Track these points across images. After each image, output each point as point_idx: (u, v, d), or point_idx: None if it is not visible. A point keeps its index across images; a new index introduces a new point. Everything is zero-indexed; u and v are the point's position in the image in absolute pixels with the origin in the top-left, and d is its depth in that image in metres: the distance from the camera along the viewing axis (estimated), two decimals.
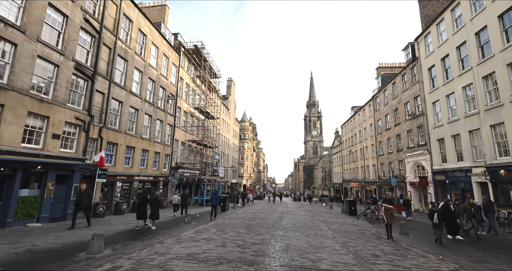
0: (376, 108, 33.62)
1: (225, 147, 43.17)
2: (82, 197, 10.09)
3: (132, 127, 17.70)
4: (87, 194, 10.26)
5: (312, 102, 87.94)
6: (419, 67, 23.27)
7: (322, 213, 20.62)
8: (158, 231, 9.89)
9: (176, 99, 24.03)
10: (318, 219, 15.67)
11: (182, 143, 25.56)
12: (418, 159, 23.16)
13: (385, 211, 10.53)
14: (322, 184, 70.48)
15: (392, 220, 10.36)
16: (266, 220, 13.99)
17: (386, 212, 10.45)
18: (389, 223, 10.18)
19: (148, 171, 19.20)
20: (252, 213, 18.64)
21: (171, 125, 23.24)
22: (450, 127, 18.85)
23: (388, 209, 10.55)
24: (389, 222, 10.17)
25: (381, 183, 31.75)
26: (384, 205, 11.05)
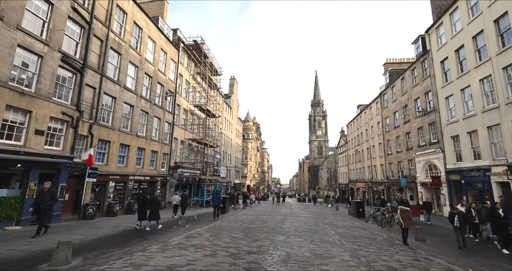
0: (384, 106, 32.27)
1: (228, 147, 42.26)
2: (44, 197, 8.43)
3: (127, 124, 16.87)
4: (50, 194, 8.66)
5: (316, 101, 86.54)
6: (430, 60, 21.95)
7: (328, 215, 19.47)
8: (146, 235, 8.95)
9: (175, 97, 23.18)
10: (324, 222, 14.56)
11: (182, 141, 24.70)
12: (430, 158, 21.82)
13: (402, 213, 9.44)
14: (328, 185, 69.01)
15: (409, 224, 9.37)
16: (267, 223, 12.95)
17: (403, 215, 9.37)
18: (407, 227, 9.19)
19: (144, 170, 18.36)
20: (253, 215, 17.61)
21: (169, 123, 22.39)
22: (466, 124, 17.52)
23: (404, 212, 9.49)
24: (406, 226, 9.18)
25: (389, 183, 30.38)
26: (400, 207, 9.94)
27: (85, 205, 12.70)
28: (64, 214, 12.11)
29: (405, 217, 9.35)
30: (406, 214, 9.50)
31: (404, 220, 9.23)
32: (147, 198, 10.79)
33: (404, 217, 9.33)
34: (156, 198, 10.89)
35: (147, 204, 10.47)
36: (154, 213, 10.24)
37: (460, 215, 9.07)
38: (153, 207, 10.29)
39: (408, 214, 9.49)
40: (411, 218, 9.67)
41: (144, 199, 10.62)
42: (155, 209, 10.28)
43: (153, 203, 10.36)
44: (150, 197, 10.85)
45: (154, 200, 10.49)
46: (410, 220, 9.39)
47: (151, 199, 10.57)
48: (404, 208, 9.88)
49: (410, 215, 9.60)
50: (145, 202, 10.50)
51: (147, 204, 10.47)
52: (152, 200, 10.52)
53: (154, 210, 10.25)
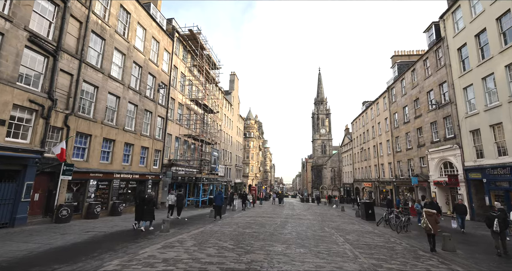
0: (392, 100, 30.40)
1: (228, 145, 40.70)
2: None
3: (112, 117, 15.36)
4: None
5: (320, 99, 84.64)
6: (445, 48, 20.10)
7: (333, 217, 17.77)
8: (113, 244, 7.38)
9: (168, 89, 21.65)
10: (330, 226, 12.88)
11: (177, 138, 23.16)
12: (445, 155, 19.99)
13: (428, 217, 8.17)
14: (331, 184, 67.13)
15: (437, 229, 8.13)
16: (265, 227, 11.31)
17: (429, 218, 8.11)
18: (434, 232, 8.00)
19: (133, 168, 16.84)
20: (251, 217, 16.00)
21: (162, 118, 20.86)
22: (489, 116, 15.70)
23: (431, 215, 8.21)
24: (434, 231, 8.00)
25: (398, 183, 28.54)
26: (426, 210, 8.51)
27: (59, 206, 11.19)
28: (33, 217, 10.61)
29: (432, 221, 8.09)
30: (433, 217, 8.17)
31: (432, 225, 7.99)
32: (145, 197, 10.49)
33: (431, 221, 8.07)
34: (152, 197, 10.73)
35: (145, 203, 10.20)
36: (150, 213, 10.09)
37: (501, 219, 7.46)
38: (150, 207, 10.14)
39: (435, 218, 8.19)
40: (439, 222, 8.41)
41: (142, 199, 10.33)
42: (151, 209, 10.14)
43: (150, 203, 10.21)
44: (147, 197, 10.53)
45: (150, 200, 10.32)
46: (438, 224, 8.20)
47: (148, 199, 10.32)
48: (431, 210, 8.50)
49: (437, 218, 8.31)
50: (143, 201, 10.21)
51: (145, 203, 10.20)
52: (149, 199, 10.31)
53: (149, 210, 10.10)
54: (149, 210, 10.07)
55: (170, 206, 15.05)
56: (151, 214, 10.16)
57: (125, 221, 12.39)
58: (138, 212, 10.20)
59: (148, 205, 10.13)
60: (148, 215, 10.07)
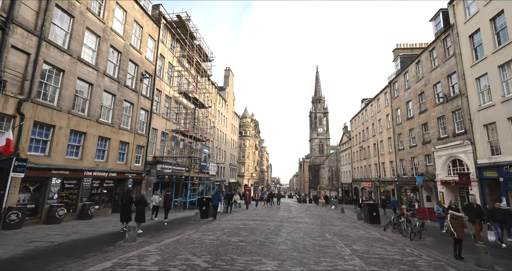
0: (394, 96, 28.83)
1: (222, 142, 38.86)
2: None
3: (84, 107, 13.47)
4: None
5: (317, 97, 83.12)
6: (455, 36, 18.50)
7: (333, 220, 16.06)
8: (47, 263, 5.54)
9: (154, 80, 19.77)
10: (331, 231, 11.14)
11: (163, 133, 21.29)
12: (454, 152, 18.39)
13: (453, 220, 7.41)
14: (329, 184, 65.60)
15: (464, 234, 7.30)
16: (255, 234, 9.52)
17: (455, 222, 7.34)
18: (460, 237, 7.21)
19: (109, 165, 14.97)
20: (242, 220, 14.22)
21: (146, 111, 18.99)
22: (506, 107, 14.11)
23: (456, 218, 7.39)
24: (459, 236, 7.21)
25: (400, 182, 26.97)
26: (451, 212, 7.63)
27: (7, 209, 9.30)
28: None
29: (457, 224, 7.30)
30: (458, 221, 7.34)
31: (457, 229, 7.23)
32: (132, 197, 10.10)
33: (456, 225, 7.28)
34: (143, 197, 10.03)
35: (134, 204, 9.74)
36: (141, 214, 9.55)
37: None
38: (140, 208, 9.56)
39: (461, 221, 7.34)
40: (466, 226, 7.43)
41: (130, 199, 9.80)
42: (142, 210, 9.59)
43: (140, 204, 9.62)
44: (137, 197, 10.14)
45: (140, 200, 9.74)
46: (464, 228, 7.34)
47: (138, 199, 9.82)
48: (456, 214, 7.52)
49: (464, 222, 7.40)
50: (130, 202, 9.75)
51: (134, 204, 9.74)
52: (139, 200, 9.76)
53: (140, 211, 9.54)
54: (139, 211, 9.53)
55: (154, 207, 13.70)
56: (141, 215, 9.59)
57: (91, 226, 10.55)
58: (123, 213, 9.63)
59: (138, 205, 9.61)
60: (138, 216, 9.51)
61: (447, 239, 10.14)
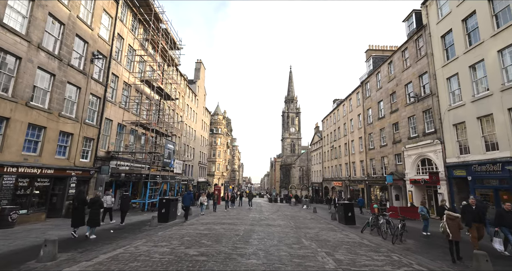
0: (366, 95, 29.11)
1: (190, 139, 36.37)
2: None
3: (7, 85, 10.65)
4: None
5: (290, 97, 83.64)
6: (427, 37, 18.70)
7: (307, 221, 15.05)
8: None
9: (109, 63, 17.07)
10: (307, 235, 9.96)
11: (120, 125, 18.60)
12: (424, 151, 18.58)
13: (449, 221, 6.90)
14: (300, 184, 66.05)
15: (460, 235, 6.80)
16: (220, 243, 7.90)
17: (451, 223, 6.84)
18: (456, 239, 6.71)
19: (44, 159, 12.20)
20: (208, 224, 12.47)
21: (98, 98, 16.26)
22: (476, 107, 14.26)
23: (453, 219, 6.89)
24: (455, 238, 6.71)
25: (370, 182, 27.23)
26: (448, 212, 7.06)
27: None
28: None
29: (454, 226, 6.78)
30: (455, 222, 6.83)
31: (453, 230, 6.72)
32: (85, 199, 9.20)
33: (452, 226, 6.77)
34: (98, 198, 9.24)
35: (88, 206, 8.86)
36: (96, 217, 8.66)
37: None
38: (94, 210, 8.71)
39: (458, 223, 6.84)
40: (462, 228, 6.97)
41: (82, 200, 8.88)
42: (96, 213, 8.72)
43: (95, 205, 8.81)
44: (92, 198, 9.22)
45: (96, 201, 8.94)
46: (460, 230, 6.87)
47: (93, 200, 8.98)
48: (453, 214, 6.94)
49: (460, 223, 6.90)
50: (83, 203, 8.85)
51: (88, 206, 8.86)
52: (94, 201, 8.94)
53: (94, 213, 8.65)
54: (93, 213, 8.62)
55: (105, 209, 11.85)
56: (96, 218, 8.66)
57: (5, 238, 8.05)
58: (76, 217, 8.61)
59: (92, 207, 8.72)
60: (92, 219, 8.56)
61: (429, 241, 9.53)
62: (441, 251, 7.96)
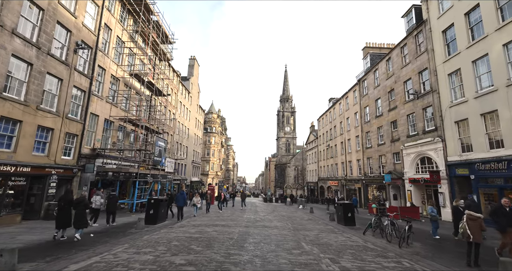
0: (363, 93, 28.61)
1: (183, 137, 35.33)
2: None
3: None
4: None
5: (285, 96, 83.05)
6: (427, 32, 18.21)
7: (305, 222, 14.34)
8: None
9: (95, 54, 16.02)
10: (307, 238, 9.21)
11: (107, 120, 17.55)
12: (424, 149, 18.09)
13: (470, 221, 6.31)
14: (295, 183, 65.53)
15: (481, 237, 6.31)
16: (212, 249, 7.09)
17: (472, 224, 6.25)
18: (477, 241, 6.15)
19: (19, 156, 11.15)
20: (199, 227, 11.62)
21: (83, 91, 15.21)
22: (479, 103, 13.77)
23: (475, 219, 6.30)
24: (476, 240, 6.14)
25: (367, 181, 26.73)
26: (469, 212, 6.47)
27: None
28: None
29: (475, 227, 6.20)
30: (477, 222, 6.25)
31: (474, 232, 6.13)
32: (73, 199, 8.82)
33: (473, 227, 6.19)
34: (84, 198, 8.96)
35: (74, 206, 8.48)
36: (81, 218, 8.29)
37: None
38: (80, 210, 8.36)
39: (480, 223, 6.25)
40: (485, 229, 6.32)
41: (69, 201, 8.54)
42: (83, 213, 8.38)
43: (79, 206, 8.47)
44: (77, 198, 8.93)
45: (81, 202, 8.66)
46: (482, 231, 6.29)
47: (78, 201, 8.71)
48: (475, 214, 6.35)
49: (483, 225, 6.28)
50: (69, 204, 8.49)
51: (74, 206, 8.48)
52: (79, 201, 8.67)
53: (81, 214, 8.30)
54: (79, 214, 8.22)
55: (94, 210, 11.45)
56: (82, 219, 8.27)
57: None
58: (62, 218, 8.19)
59: (77, 208, 8.34)
60: (78, 221, 8.19)
61: (437, 244, 8.89)
62: (453, 255, 7.32)
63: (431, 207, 9.84)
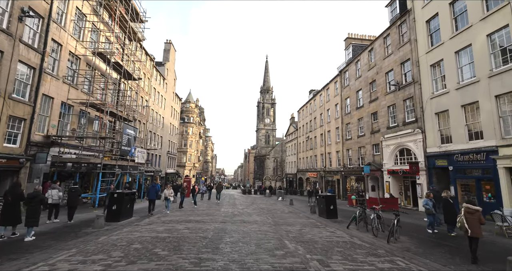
0: (345, 85, 28.35)
1: (158, 126, 33.12)
2: None
3: None
4: None
5: (266, 88, 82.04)
6: (411, 22, 17.92)
7: (285, 215, 13.64)
8: None
9: (48, 25, 13.67)
10: (290, 234, 8.41)
11: (65, 104, 15.35)
12: (403, 141, 18.10)
13: (468, 215, 5.88)
14: (274, 175, 65.61)
15: (481, 232, 5.79)
16: (180, 252, 5.97)
17: (470, 218, 5.82)
18: (476, 235, 5.68)
19: None
20: (170, 223, 10.40)
21: (32, 68, 12.95)
22: (460, 94, 13.71)
23: (473, 213, 5.86)
24: (475, 234, 5.68)
25: (346, 172, 26.83)
26: (466, 205, 6.07)
27: None
28: None
29: (473, 221, 5.77)
30: (475, 216, 5.80)
31: (472, 226, 5.73)
32: (22, 193, 7.82)
33: (472, 221, 5.77)
34: (38, 193, 7.99)
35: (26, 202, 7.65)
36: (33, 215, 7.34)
37: None
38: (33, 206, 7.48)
39: (479, 217, 5.79)
40: (484, 222, 5.81)
41: (18, 195, 7.57)
42: (36, 210, 7.47)
43: (34, 201, 7.56)
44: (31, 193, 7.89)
45: (35, 197, 7.68)
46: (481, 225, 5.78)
47: (32, 195, 7.73)
48: (472, 207, 5.94)
49: (482, 218, 5.82)
50: (19, 198, 7.56)
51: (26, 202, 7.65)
52: (33, 196, 7.69)
53: (34, 210, 7.42)
54: (31, 211, 7.41)
55: (52, 205, 10.38)
56: (34, 216, 7.41)
57: None
58: (8, 214, 7.34)
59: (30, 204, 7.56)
60: (32, 218, 7.33)
61: (423, 237, 8.51)
62: (443, 250, 6.89)
63: (426, 199, 9.21)
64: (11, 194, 7.61)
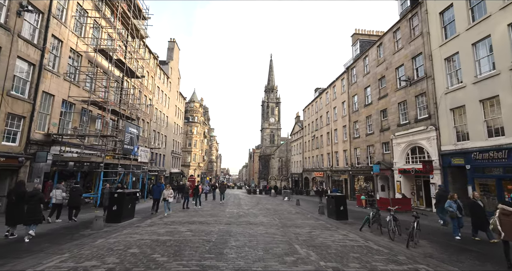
0: (352, 81, 27.58)
1: (162, 126, 32.82)
2: None
3: None
4: None
5: (270, 87, 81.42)
6: (423, 14, 17.12)
7: (293, 216, 13.05)
8: None
9: (48, 21, 13.34)
10: (299, 237, 7.85)
11: (66, 102, 15.03)
12: (416, 139, 17.31)
13: (503, 217, 5.26)
14: (279, 174, 64.95)
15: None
16: (181, 258, 5.45)
17: (505, 220, 5.19)
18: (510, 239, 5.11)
19: None
20: (172, 224, 9.91)
21: (32, 64, 12.62)
22: (478, 89, 12.91)
23: (508, 214, 5.21)
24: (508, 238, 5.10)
25: (354, 172, 26.07)
26: (502, 207, 5.42)
27: None
28: None
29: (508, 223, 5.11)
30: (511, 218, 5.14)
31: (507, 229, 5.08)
32: (24, 192, 7.51)
33: (507, 223, 5.12)
34: (38, 192, 7.85)
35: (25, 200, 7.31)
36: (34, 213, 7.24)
37: None
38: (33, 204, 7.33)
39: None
40: None
41: (20, 194, 7.34)
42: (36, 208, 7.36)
43: (33, 199, 7.38)
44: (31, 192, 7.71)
45: (35, 195, 7.55)
46: None
47: (31, 194, 7.57)
48: (509, 209, 5.28)
49: None
50: (21, 198, 7.29)
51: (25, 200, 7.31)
52: (33, 195, 7.54)
53: (34, 208, 7.30)
54: (31, 209, 7.22)
55: (55, 205, 10.30)
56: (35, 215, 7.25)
57: None
58: (12, 214, 7.22)
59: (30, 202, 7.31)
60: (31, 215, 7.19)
61: (445, 241, 7.83)
62: (470, 256, 6.23)
63: (450, 201, 8.21)
64: (14, 193, 7.49)
